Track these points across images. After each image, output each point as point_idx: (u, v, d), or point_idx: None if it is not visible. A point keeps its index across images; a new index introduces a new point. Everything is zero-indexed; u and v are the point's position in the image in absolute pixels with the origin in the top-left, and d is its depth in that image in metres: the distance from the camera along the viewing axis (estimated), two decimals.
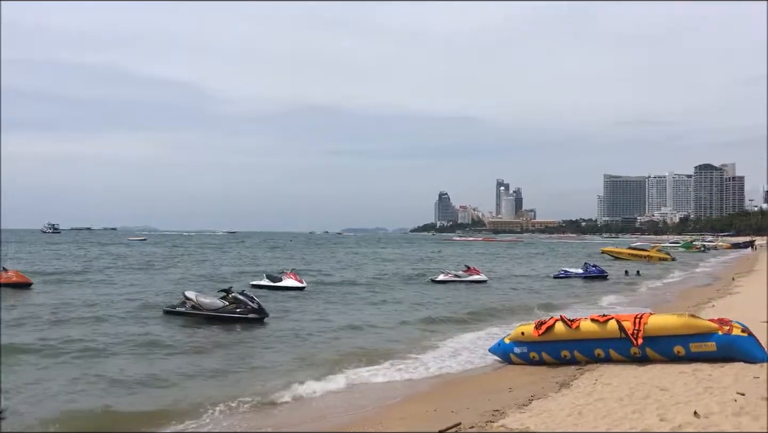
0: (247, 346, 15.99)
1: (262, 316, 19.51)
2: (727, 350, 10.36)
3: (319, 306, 24.16)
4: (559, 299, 27.37)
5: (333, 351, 15.16)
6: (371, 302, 25.85)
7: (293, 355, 14.76)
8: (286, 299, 25.71)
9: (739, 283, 29.73)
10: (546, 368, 12.03)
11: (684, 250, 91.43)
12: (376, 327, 19.19)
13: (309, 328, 18.77)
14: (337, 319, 20.80)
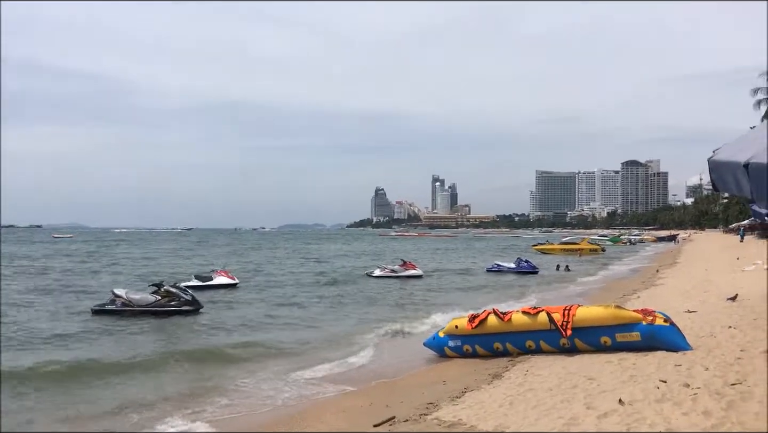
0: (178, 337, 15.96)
1: (197, 307, 19.52)
2: (650, 340, 10.74)
3: (251, 302, 23.90)
4: (492, 293, 27.83)
5: (266, 346, 15.05)
6: (306, 298, 25.69)
7: (225, 351, 14.60)
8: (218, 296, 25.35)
9: (663, 275, 30.87)
10: (479, 360, 12.22)
11: (612, 243, 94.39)
12: (310, 322, 19.17)
13: (239, 321, 18.63)
14: (272, 313, 20.64)
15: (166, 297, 19.50)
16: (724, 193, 4.59)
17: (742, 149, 3.58)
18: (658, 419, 6.63)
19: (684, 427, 6.26)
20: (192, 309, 19.42)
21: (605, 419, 6.93)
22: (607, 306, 11.73)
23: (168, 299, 19.46)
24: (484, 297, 25.77)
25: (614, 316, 11.17)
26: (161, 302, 19.41)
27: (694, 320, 13.55)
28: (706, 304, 16.19)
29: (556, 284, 32.08)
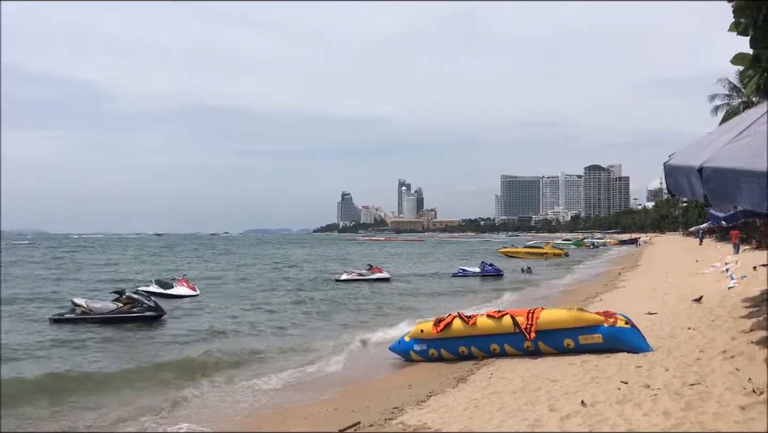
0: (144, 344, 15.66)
1: (160, 314, 19.24)
2: (612, 341, 10.90)
3: (215, 309, 23.61)
4: (458, 297, 27.98)
5: (231, 353, 14.88)
6: (271, 304, 25.48)
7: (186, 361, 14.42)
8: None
9: (625, 277, 31.39)
10: (444, 364, 12.26)
11: (575, 247, 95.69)
12: (274, 328, 19.01)
13: (202, 329, 18.38)
14: (237, 320, 20.43)
15: (127, 304, 19.18)
16: (679, 196, 4.68)
17: (695, 154, 3.66)
18: (619, 420, 6.71)
19: (644, 427, 6.35)
20: (155, 316, 19.12)
21: (568, 420, 7.00)
22: (570, 309, 11.87)
23: (130, 306, 19.13)
24: (450, 301, 25.87)
25: (577, 318, 11.30)
26: (123, 309, 19.08)
27: (655, 321, 13.79)
28: (667, 306, 16.49)
29: (521, 287, 32.37)
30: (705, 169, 3.33)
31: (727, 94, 50.76)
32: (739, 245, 34.92)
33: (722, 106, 50.78)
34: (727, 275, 21.36)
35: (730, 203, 3.56)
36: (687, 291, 19.07)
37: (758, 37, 7.37)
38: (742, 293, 16.18)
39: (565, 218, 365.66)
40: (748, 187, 2.97)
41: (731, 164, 3.15)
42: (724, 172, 3.20)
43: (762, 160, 2.92)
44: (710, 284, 20.11)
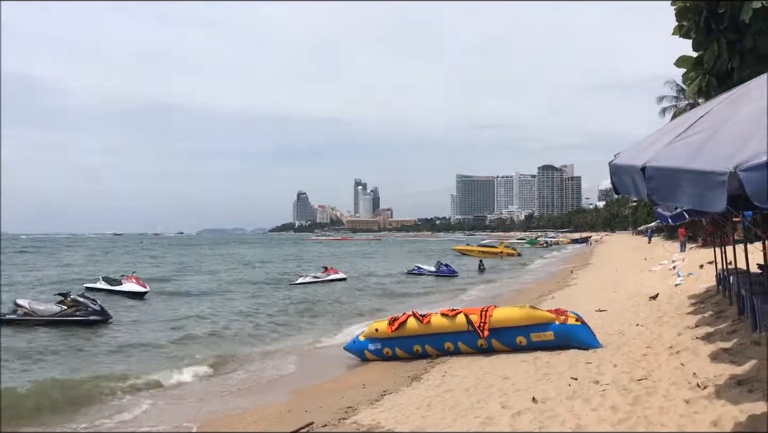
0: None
1: (105, 318, 18.75)
2: (563, 339, 11.08)
3: (164, 310, 23.21)
4: (413, 295, 28.07)
5: (179, 357, 14.62)
6: (222, 306, 25.16)
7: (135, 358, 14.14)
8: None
9: (577, 276, 31.95)
10: (399, 363, 12.29)
11: (529, 246, 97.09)
12: (226, 331, 18.70)
13: (153, 329, 18.04)
14: (187, 323, 20.10)
15: (72, 307, 18.70)
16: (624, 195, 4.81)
17: (639, 153, 3.74)
18: (569, 415, 6.82)
19: (593, 422, 6.47)
20: (100, 319, 18.65)
21: (519, 417, 7.08)
22: (522, 307, 12.02)
23: (74, 309, 18.65)
24: (405, 300, 25.95)
25: (529, 316, 11.45)
26: (67, 312, 18.60)
27: (605, 318, 14.07)
28: (616, 303, 16.83)
29: (475, 286, 32.66)
30: (647, 168, 3.40)
31: (674, 96, 52.07)
32: (685, 243, 35.87)
33: (669, 108, 52.03)
34: (674, 272, 21.91)
35: (670, 202, 3.65)
36: (636, 289, 19.50)
37: (699, 40, 7.60)
38: (688, 290, 16.62)
39: (519, 217, 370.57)
40: (687, 186, 3.06)
41: (672, 163, 3.23)
42: (665, 171, 3.28)
43: (700, 159, 3.00)
44: (658, 282, 20.60)
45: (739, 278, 11.21)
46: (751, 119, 3.06)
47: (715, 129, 3.27)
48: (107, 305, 20.47)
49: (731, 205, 6.10)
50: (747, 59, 7.32)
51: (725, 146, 2.99)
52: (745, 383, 6.74)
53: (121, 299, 26.14)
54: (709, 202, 2.91)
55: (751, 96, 3.46)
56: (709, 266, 18.78)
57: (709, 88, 7.81)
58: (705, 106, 4.09)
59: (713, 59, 7.55)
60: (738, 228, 16.06)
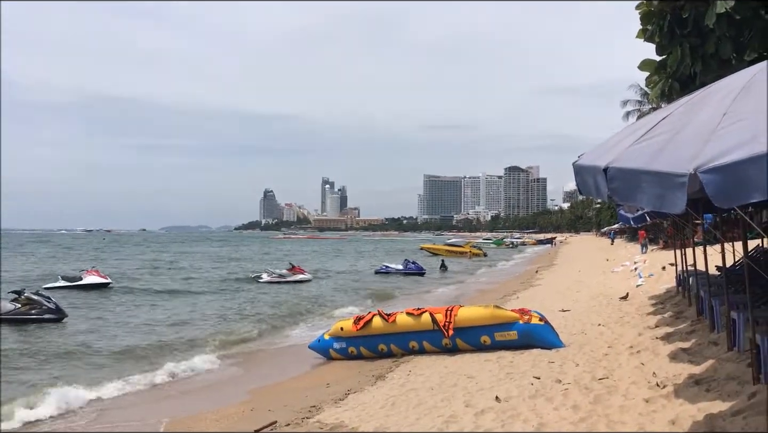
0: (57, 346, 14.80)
1: (60, 316, 18.42)
2: (526, 338, 11.17)
3: (126, 305, 22.84)
4: (381, 294, 28.06)
5: (142, 349, 14.42)
6: (186, 304, 24.87)
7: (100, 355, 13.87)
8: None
9: (541, 276, 32.28)
10: (364, 362, 12.26)
11: (495, 246, 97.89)
12: (189, 328, 18.46)
13: (113, 325, 17.74)
14: (148, 317, 19.83)
15: (26, 305, 18.31)
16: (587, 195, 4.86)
17: (602, 154, 3.78)
18: (531, 414, 6.87)
19: (554, 421, 6.53)
20: (55, 318, 18.31)
21: (482, 415, 7.11)
22: (487, 306, 12.10)
23: (29, 306, 18.28)
24: (372, 298, 25.93)
25: (493, 316, 11.52)
26: (21, 310, 18.21)
27: (568, 318, 14.23)
28: (579, 303, 17.05)
29: (441, 285, 32.79)
30: (609, 169, 3.43)
31: (638, 100, 52.93)
32: (646, 244, 36.51)
33: (633, 111, 52.89)
34: (635, 273, 22.28)
35: (631, 202, 3.69)
36: (598, 289, 19.78)
37: (663, 44, 7.72)
38: (649, 291, 16.92)
39: (486, 217, 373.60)
40: (647, 187, 3.09)
41: (633, 165, 3.27)
42: (626, 172, 3.32)
43: (661, 161, 3.04)
44: (620, 283, 20.92)
45: (699, 280, 11.43)
46: (711, 122, 3.11)
47: (676, 131, 3.31)
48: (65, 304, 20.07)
49: (692, 207, 6.21)
50: (710, 64, 7.46)
51: (685, 148, 3.03)
52: (702, 382, 6.87)
53: (84, 295, 25.63)
54: (669, 203, 2.94)
55: (711, 99, 3.51)
56: (670, 268, 19.13)
57: (672, 92, 7.93)
58: (666, 109, 4.15)
59: (676, 63, 7.67)
60: (698, 230, 16.38)
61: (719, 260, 8.80)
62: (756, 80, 3.33)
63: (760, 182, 2.58)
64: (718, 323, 9.12)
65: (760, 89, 3.20)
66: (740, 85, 3.33)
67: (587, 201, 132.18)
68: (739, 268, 10.57)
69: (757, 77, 3.36)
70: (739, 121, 2.95)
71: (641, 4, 7.93)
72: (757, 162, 2.59)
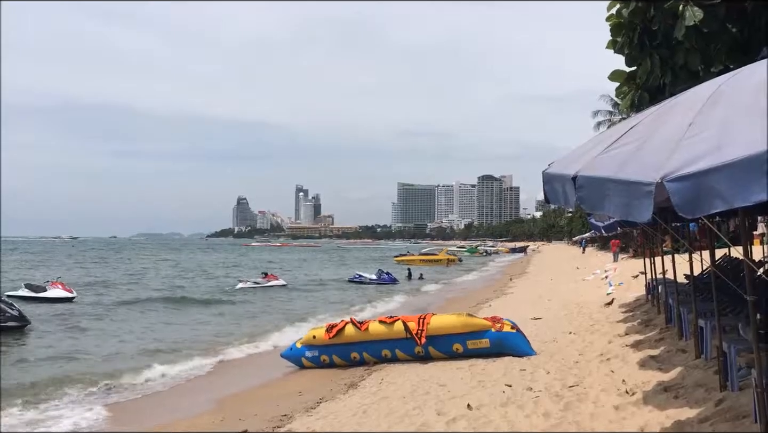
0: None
1: (24, 324, 18.14)
2: (498, 346, 11.21)
3: (94, 318, 22.44)
4: (353, 302, 27.99)
5: (109, 361, 14.15)
6: (158, 313, 24.57)
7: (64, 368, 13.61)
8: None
9: (514, 284, 32.48)
10: (337, 370, 12.20)
11: (469, 254, 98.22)
12: (160, 337, 18.25)
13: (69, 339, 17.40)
14: (116, 330, 19.52)
15: None
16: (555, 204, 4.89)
17: (571, 163, 3.81)
18: (502, 421, 6.90)
19: (525, 428, 6.56)
20: (18, 325, 18.02)
21: (454, 423, 7.12)
22: (459, 314, 12.13)
23: None
24: (345, 307, 25.84)
25: (465, 324, 11.55)
26: None
27: (539, 326, 14.33)
28: (550, 311, 17.18)
29: (413, 294, 32.80)
30: (578, 177, 3.47)
31: (609, 111, 53.63)
32: (618, 253, 36.95)
33: (604, 121, 53.56)
34: (606, 282, 22.52)
35: (599, 210, 3.73)
36: (570, 297, 19.95)
37: (633, 56, 7.84)
38: (619, 299, 17.10)
39: (459, 226, 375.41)
40: (615, 195, 3.12)
41: (601, 173, 3.30)
42: (594, 181, 3.35)
43: (628, 169, 3.07)
44: (591, 291, 21.13)
45: (667, 288, 11.59)
46: (677, 132, 3.15)
47: (643, 140, 3.35)
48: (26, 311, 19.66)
49: (660, 216, 6.29)
50: (679, 75, 7.58)
51: (652, 157, 3.06)
52: (671, 389, 6.96)
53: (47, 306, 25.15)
54: (636, 212, 2.97)
55: (678, 109, 3.56)
56: (640, 276, 19.36)
57: (642, 102, 8.04)
58: (635, 118, 4.20)
59: (646, 74, 7.78)
60: (667, 239, 16.61)
61: (688, 269, 8.92)
62: (721, 91, 3.38)
63: (724, 192, 2.61)
64: (686, 331, 9.24)
65: (725, 100, 3.26)
66: (706, 96, 3.38)
67: (559, 210, 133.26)
68: (707, 276, 10.73)
69: (722, 88, 3.42)
70: (705, 131, 2.99)
71: (611, 16, 8.04)
72: (721, 172, 2.63)
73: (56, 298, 26.45)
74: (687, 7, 6.87)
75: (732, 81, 3.52)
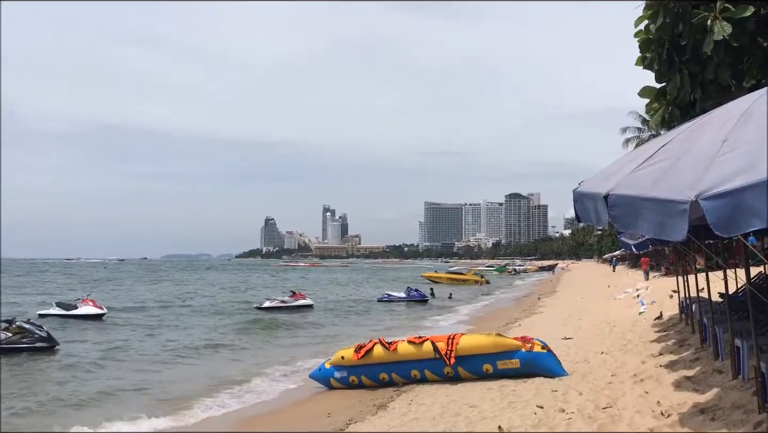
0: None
1: (52, 345, 18.34)
2: (529, 366, 11.07)
3: (127, 339, 22.63)
4: (383, 322, 27.91)
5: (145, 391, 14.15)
6: (182, 334, 24.68)
7: (98, 389, 13.72)
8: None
9: (543, 303, 32.12)
10: (365, 391, 12.13)
11: (498, 273, 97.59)
12: (190, 360, 18.28)
13: (101, 359, 17.54)
14: (146, 349, 19.65)
15: (18, 334, 18.23)
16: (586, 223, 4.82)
17: (602, 181, 3.77)
18: None
19: None
20: (47, 346, 18.23)
21: None
22: (489, 334, 12.02)
23: (20, 335, 18.20)
24: (374, 327, 25.78)
25: (495, 344, 11.44)
26: (12, 339, 18.12)
27: (570, 346, 14.12)
28: (581, 330, 16.94)
29: (443, 312, 32.61)
30: (610, 196, 3.42)
31: (637, 127, 53.11)
32: (649, 271, 36.40)
33: (633, 138, 53.02)
34: (637, 300, 22.17)
35: (632, 230, 3.69)
36: (601, 316, 19.66)
37: (662, 72, 7.78)
38: (651, 319, 16.81)
39: (487, 244, 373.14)
40: (648, 214, 3.08)
41: (634, 192, 3.26)
42: (627, 199, 3.30)
43: (662, 187, 3.03)
44: (622, 310, 20.82)
45: (702, 307, 11.36)
46: (711, 149, 3.10)
47: (676, 158, 3.31)
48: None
49: (693, 234, 6.19)
50: (709, 90, 7.50)
51: (686, 175, 3.02)
52: (708, 411, 6.79)
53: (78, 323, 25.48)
54: (670, 230, 2.93)
55: (711, 126, 3.52)
56: (674, 295, 19.02)
57: (672, 118, 7.97)
58: (666, 136, 4.15)
59: (676, 90, 7.72)
60: (700, 257, 16.32)
61: (722, 287, 8.74)
62: (755, 107, 3.33)
63: (760, 209, 2.56)
64: (722, 351, 9.04)
65: (759, 116, 3.21)
66: (739, 112, 3.33)
67: (588, 228, 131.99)
68: (742, 295, 10.50)
69: (756, 104, 3.37)
70: (739, 147, 2.94)
71: (639, 32, 8.00)
72: (757, 189, 2.58)
73: (87, 315, 26.87)
74: (716, 22, 6.80)
75: (764, 97, 3.46)
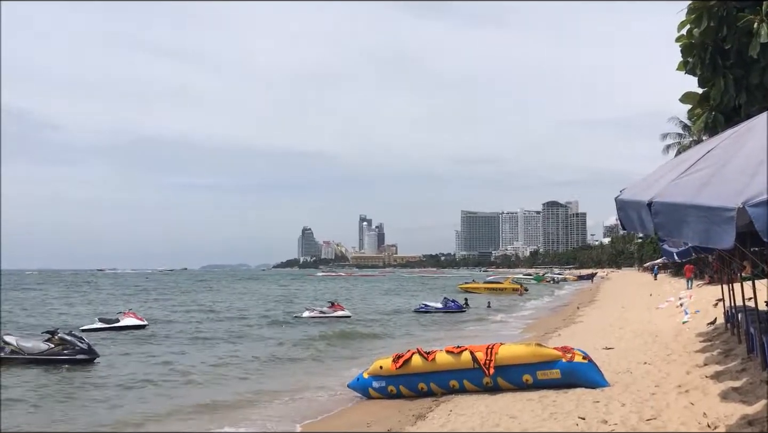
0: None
1: (93, 357, 18.68)
2: (570, 377, 10.91)
3: (167, 347, 22.92)
4: (419, 333, 27.83)
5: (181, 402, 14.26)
6: (229, 345, 24.94)
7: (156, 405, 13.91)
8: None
9: (583, 312, 31.67)
10: (404, 401, 12.10)
11: (536, 282, 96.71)
12: (233, 372, 18.40)
13: (151, 372, 17.72)
14: (190, 362, 19.84)
15: (59, 345, 18.60)
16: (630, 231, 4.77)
17: (645, 189, 3.71)
18: None
19: None
20: (87, 358, 18.56)
21: None
22: (529, 344, 11.89)
23: (62, 347, 18.55)
24: (411, 337, 25.72)
25: (535, 354, 11.30)
26: (54, 351, 18.47)
27: (612, 356, 13.88)
28: (623, 340, 16.64)
29: (482, 322, 32.39)
30: (654, 203, 3.37)
31: (678, 133, 52.19)
32: (692, 279, 35.65)
33: (674, 144, 52.13)
34: (681, 309, 21.72)
35: (677, 237, 3.62)
36: (643, 326, 19.31)
37: (705, 76, 7.63)
38: (695, 328, 16.45)
39: (524, 253, 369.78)
40: (694, 222, 3.02)
41: (678, 199, 3.20)
42: (671, 207, 3.25)
43: (707, 194, 2.97)
44: (665, 319, 20.41)
45: (748, 316, 11.08)
46: (757, 155, 3.03)
47: (721, 164, 3.24)
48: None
49: (739, 241, 6.05)
50: (754, 95, 7.33)
51: (732, 181, 2.96)
52: (756, 423, 6.61)
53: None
54: (717, 238, 2.86)
55: (757, 131, 3.44)
56: (719, 303, 18.60)
57: (716, 124, 7.81)
58: (711, 142, 4.07)
59: (720, 95, 7.55)
60: (746, 264, 15.94)
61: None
62: None
63: None
64: None
65: None
66: None
67: (629, 236, 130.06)
68: None
69: None
70: None
71: (681, 37, 7.87)
72: None
73: (129, 326, 27.92)
74: (762, 24, 6.65)
75: None
